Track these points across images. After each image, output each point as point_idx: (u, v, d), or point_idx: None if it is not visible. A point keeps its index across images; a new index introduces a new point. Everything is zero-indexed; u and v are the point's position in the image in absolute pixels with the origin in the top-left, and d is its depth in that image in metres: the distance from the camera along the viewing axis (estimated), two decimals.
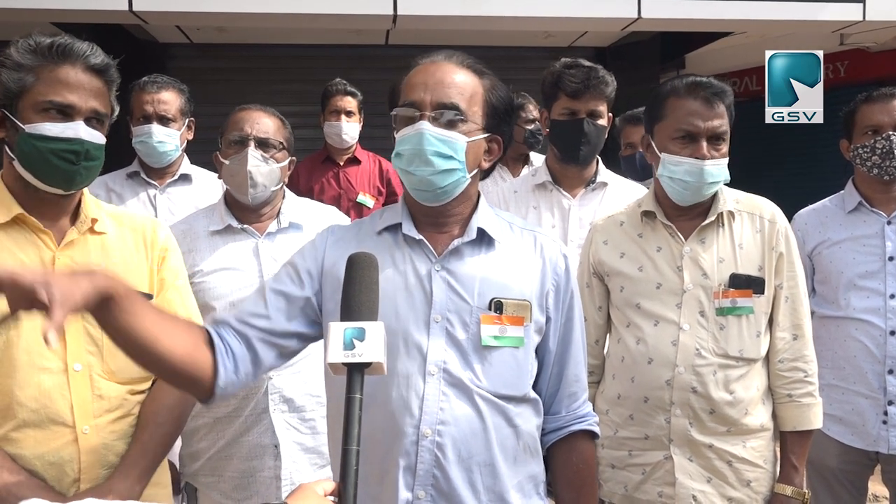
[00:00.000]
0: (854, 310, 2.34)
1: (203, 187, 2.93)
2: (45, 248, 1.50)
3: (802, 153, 7.14)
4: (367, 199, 3.86)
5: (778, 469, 1.95)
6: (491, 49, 5.80)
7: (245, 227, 2.05)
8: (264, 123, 2.06)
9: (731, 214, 1.93)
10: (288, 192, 2.17)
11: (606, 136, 2.54)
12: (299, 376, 2.00)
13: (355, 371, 1.04)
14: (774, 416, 1.94)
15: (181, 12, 4.52)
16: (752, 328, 1.88)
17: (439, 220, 1.44)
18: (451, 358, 1.37)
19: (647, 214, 1.98)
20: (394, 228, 1.45)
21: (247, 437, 1.97)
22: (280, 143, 2.08)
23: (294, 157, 2.15)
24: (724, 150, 1.87)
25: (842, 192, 2.51)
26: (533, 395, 1.45)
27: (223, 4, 4.44)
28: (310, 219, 2.11)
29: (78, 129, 1.45)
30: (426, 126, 1.35)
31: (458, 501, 1.36)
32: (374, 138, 4.12)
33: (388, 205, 3.90)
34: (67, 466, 1.45)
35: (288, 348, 1.43)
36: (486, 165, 1.45)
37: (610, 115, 2.54)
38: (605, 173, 2.59)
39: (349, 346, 1.04)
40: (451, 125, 1.37)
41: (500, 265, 1.43)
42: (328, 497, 0.99)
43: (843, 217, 2.44)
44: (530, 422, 1.44)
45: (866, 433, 2.33)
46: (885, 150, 2.32)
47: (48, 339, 0.98)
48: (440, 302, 1.38)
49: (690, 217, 1.94)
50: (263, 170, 2.01)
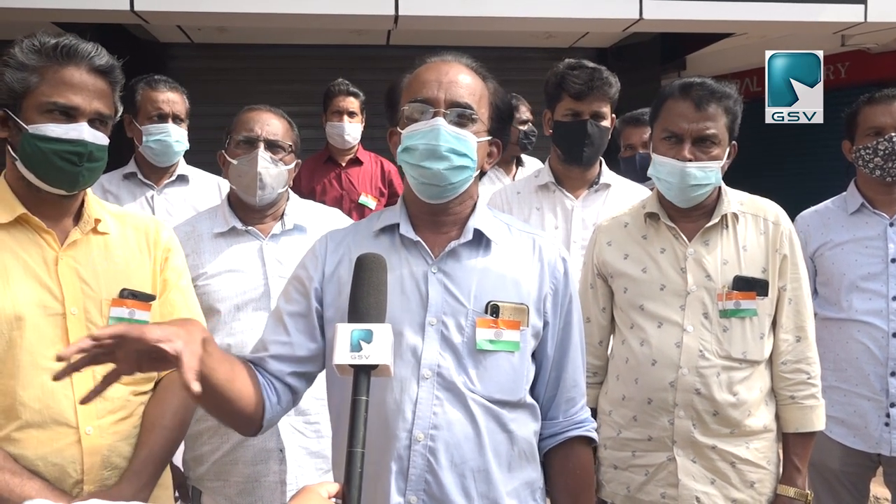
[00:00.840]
0: (856, 312, 2.34)
1: (200, 188, 2.93)
2: (48, 248, 1.50)
3: (803, 154, 7.14)
4: (368, 199, 3.85)
5: (781, 470, 1.95)
6: (492, 50, 5.80)
7: (249, 229, 2.05)
8: (274, 125, 2.06)
9: (736, 216, 1.93)
10: (291, 193, 2.17)
11: (609, 137, 2.54)
12: None
13: (362, 373, 1.03)
14: (777, 418, 1.94)
15: (182, 12, 4.52)
16: (756, 330, 1.88)
17: (438, 220, 1.43)
18: (445, 362, 1.35)
19: (651, 216, 1.98)
20: (391, 229, 1.44)
21: (251, 441, 1.95)
22: (289, 145, 2.08)
23: (299, 161, 2.15)
24: (715, 152, 1.86)
25: (844, 193, 2.51)
26: (529, 400, 1.43)
27: (224, 4, 4.44)
28: (313, 221, 2.10)
29: (81, 131, 1.44)
30: (442, 123, 1.34)
31: None
32: (376, 139, 4.10)
33: (389, 206, 3.93)
34: (70, 467, 1.45)
35: (313, 373, 1.47)
36: (487, 168, 1.46)
37: (613, 116, 2.54)
38: (608, 174, 2.59)
39: (356, 347, 1.04)
40: (463, 124, 1.37)
41: (497, 268, 1.41)
42: (332, 499, 0.99)
43: (845, 219, 2.44)
44: (526, 427, 1.42)
45: (868, 435, 2.33)
46: (887, 152, 2.31)
47: (193, 389, 1.03)
48: (436, 304, 1.37)
49: (694, 219, 1.94)
50: (273, 171, 2.01)
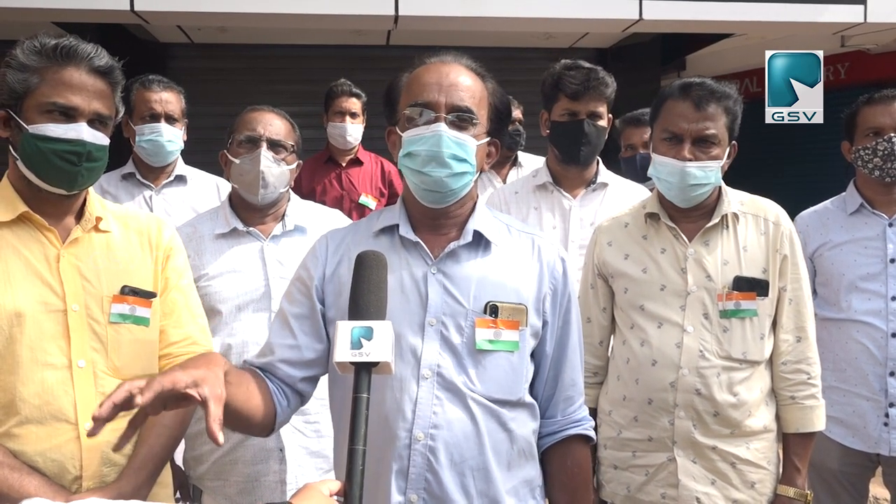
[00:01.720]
0: (855, 312, 2.34)
1: (198, 188, 2.93)
2: (50, 246, 1.51)
3: (803, 155, 7.14)
4: (369, 200, 3.85)
5: (781, 471, 1.95)
6: (492, 50, 5.80)
7: (250, 230, 2.05)
8: (277, 125, 2.07)
9: (736, 216, 1.93)
10: (292, 194, 2.17)
11: (606, 137, 2.54)
12: None
13: (363, 370, 1.03)
14: (778, 418, 1.95)
15: (182, 12, 4.52)
16: (756, 330, 1.88)
17: (438, 222, 1.43)
18: (445, 362, 1.36)
19: (652, 216, 1.98)
20: (390, 230, 1.45)
21: (252, 440, 1.96)
22: (291, 145, 2.09)
23: (301, 161, 2.16)
24: (715, 152, 1.86)
25: (843, 193, 2.51)
26: (528, 399, 1.44)
27: (224, 4, 4.44)
28: (314, 222, 2.11)
29: (80, 131, 1.45)
30: (444, 128, 1.35)
31: None
32: (376, 139, 4.09)
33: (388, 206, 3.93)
34: (69, 463, 1.45)
35: (320, 375, 1.47)
36: (486, 168, 1.46)
37: (610, 116, 2.54)
38: (605, 174, 2.59)
39: (357, 345, 1.04)
40: (464, 128, 1.37)
41: (496, 268, 1.42)
42: (333, 497, 0.99)
43: (844, 219, 2.44)
44: (525, 426, 1.43)
45: (867, 435, 2.33)
46: (886, 153, 2.31)
47: (219, 440, 1.04)
48: (435, 305, 1.37)
49: (694, 219, 1.94)
50: (275, 171, 2.02)
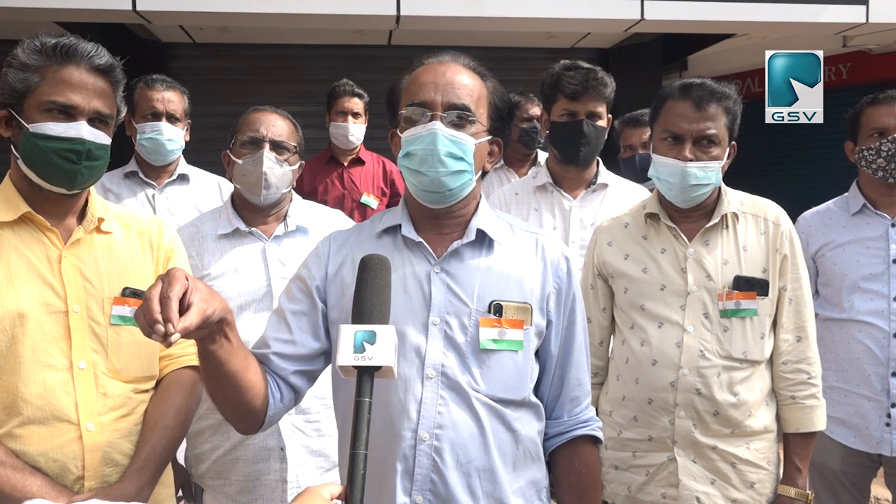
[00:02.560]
0: (858, 312, 2.34)
1: (201, 187, 2.94)
2: (52, 247, 1.51)
3: (805, 155, 7.14)
4: (370, 199, 3.85)
5: (782, 470, 1.95)
6: (494, 50, 5.80)
7: (252, 230, 2.06)
8: (279, 126, 2.07)
9: (736, 216, 1.93)
10: (294, 195, 2.18)
11: (606, 137, 2.54)
12: None
13: (365, 374, 1.03)
14: (778, 418, 1.94)
15: (184, 12, 4.53)
16: (756, 330, 1.88)
17: (441, 222, 1.43)
18: (449, 361, 1.35)
19: (652, 216, 1.98)
20: (393, 230, 1.44)
21: (252, 439, 1.96)
22: (294, 146, 2.09)
23: (303, 161, 2.16)
24: (715, 152, 1.86)
25: (846, 194, 2.50)
26: (533, 399, 1.43)
27: (226, 4, 4.45)
28: (316, 223, 2.11)
29: (80, 129, 1.45)
30: (439, 127, 1.34)
31: None
32: (377, 139, 4.10)
33: (391, 206, 3.92)
34: (71, 464, 1.46)
35: (316, 371, 1.46)
36: (488, 168, 1.46)
37: (609, 116, 2.53)
38: (605, 174, 2.59)
39: (359, 349, 1.03)
40: (461, 127, 1.36)
41: (500, 267, 1.41)
42: (334, 500, 0.99)
43: (847, 219, 2.43)
44: (531, 426, 1.42)
45: (869, 435, 2.33)
46: (890, 153, 2.31)
47: (171, 338, 1.02)
48: (439, 304, 1.37)
49: (694, 219, 1.94)
50: (277, 172, 2.03)
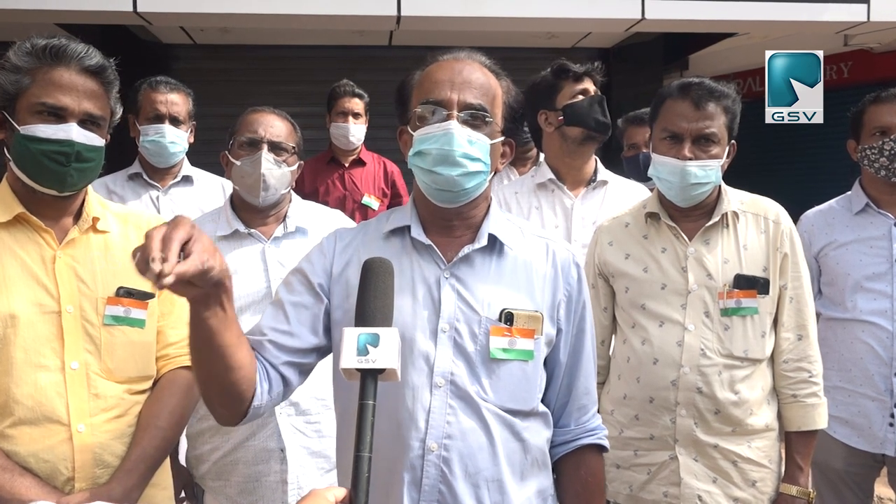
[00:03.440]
0: (861, 312, 2.33)
1: (205, 189, 2.94)
2: (47, 247, 1.51)
3: (806, 154, 7.13)
4: (371, 200, 3.86)
5: (783, 469, 1.94)
6: (494, 50, 5.72)
7: (252, 231, 2.05)
8: (278, 127, 2.07)
9: (736, 215, 1.93)
10: (294, 195, 2.17)
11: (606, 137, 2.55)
12: None
13: (369, 377, 1.02)
14: (780, 417, 1.94)
15: (185, 13, 4.53)
16: (757, 329, 1.88)
17: (451, 224, 1.39)
18: (458, 370, 1.32)
19: (652, 216, 1.98)
20: (401, 232, 1.40)
21: (253, 441, 1.95)
22: (292, 147, 2.08)
23: (302, 162, 2.16)
24: (715, 151, 1.86)
25: (848, 193, 2.50)
26: (542, 408, 1.40)
27: (227, 5, 4.45)
28: (315, 223, 2.11)
29: (70, 131, 1.44)
30: (455, 126, 1.30)
31: None
32: (377, 139, 4.12)
33: (392, 206, 3.93)
34: (61, 465, 1.45)
35: (309, 366, 1.40)
36: (500, 168, 1.42)
37: None
38: (603, 172, 2.58)
39: (363, 351, 1.02)
40: (477, 126, 1.33)
41: (511, 274, 1.38)
42: None
43: (849, 218, 2.43)
44: (539, 435, 1.39)
45: (872, 435, 2.32)
46: (893, 152, 2.30)
47: (164, 280, 0.98)
48: (449, 311, 1.33)
49: (695, 218, 1.94)
50: (276, 173, 2.02)
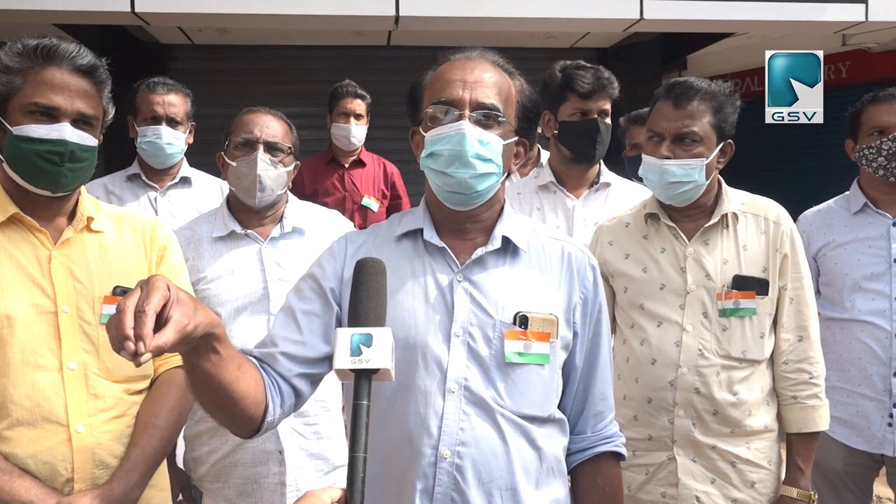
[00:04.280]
0: (859, 312, 2.33)
1: (203, 190, 2.93)
2: (42, 248, 1.50)
3: (805, 154, 7.14)
4: (371, 201, 3.85)
5: (783, 470, 1.94)
6: (493, 50, 5.78)
7: (248, 232, 2.05)
8: (273, 127, 2.06)
9: (736, 216, 1.93)
10: (291, 195, 2.17)
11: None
12: None
13: (362, 377, 1.02)
14: (780, 418, 1.94)
15: (183, 13, 4.53)
16: (756, 329, 1.88)
17: (464, 226, 1.36)
18: (472, 375, 1.28)
19: (652, 216, 1.98)
20: (413, 234, 1.38)
21: (251, 442, 1.94)
22: (288, 147, 2.08)
23: (298, 162, 2.15)
24: (698, 150, 1.86)
25: (847, 193, 2.50)
26: (559, 415, 1.37)
27: (225, 6, 4.44)
28: (312, 224, 2.10)
29: (63, 131, 1.44)
30: (467, 126, 1.28)
31: None
32: (377, 140, 4.12)
33: (392, 208, 3.92)
34: (60, 465, 1.45)
35: (321, 375, 1.36)
36: (513, 169, 1.39)
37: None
38: (607, 174, 2.58)
39: (356, 352, 1.02)
40: (489, 127, 1.30)
41: (525, 277, 1.35)
42: None
43: (848, 218, 2.43)
44: (556, 443, 1.36)
45: (871, 435, 2.32)
46: (891, 152, 2.30)
47: (140, 358, 0.90)
48: (462, 315, 1.30)
49: (694, 218, 1.94)
50: (272, 174, 2.01)
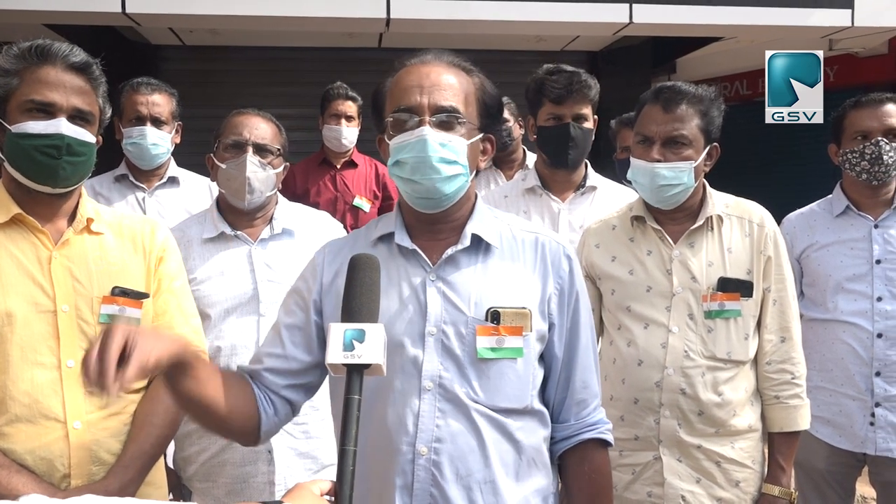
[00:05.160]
0: (842, 313, 2.36)
1: (191, 190, 2.93)
2: (42, 248, 1.53)
3: (793, 157, 7.20)
4: (363, 202, 3.86)
5: (766, 469, 1.97)
6: (483, 52, 5.82)
7: (238, 233, 2.06)
8: (262, 129, 2.06)
9: (720, 218, 1.96)
10: (280, 197, 2.17)
11: (594, 138, 2.55)
12: None
13: (354, 372, 1.04)
14: (763, 418, 1.97)
15: (174, 14, 4.53)
16: (741, 331, 1.90)
17: (436, 227, 1.39)
18: (446, 372, 1.31)
19: (638, 219, 2.00)
20: (388, 238, 1.40)
21: None
22: (277, 149, 2.09)
23: (288, 163, 2.16)
24: (686, 153, 1.88)
25: (830, 196, 2.53)
26: (537, 406, 1.39)
27: (216, 7, 4.44)
28: (302, 225, 2.11)
29: (59, 125, 1.48)
30: (428, 132, 1.29)
31: None
32: (369, 141, 4.11)
33: (384, 209, 3.94)
34: (58, 462, 1.47)
35: (313, 383, 1.44)
36: (482, 166, 1.42)
37: (595, 117, 2.55)
38: (594, 177, 2.60)
39: (349, 347, 1.04)
40: (451, 128, 1.32)
41: (498, 272, 1.37)
42: (324, 497, 1.00)
43: (830, 221, 2.46)
44: (535, 434, 1.38)
45: (854, 434, 2.36)
46: (873, 156, 2.34)
47: (111, 393, 1.06)
48: (435, 314, 1.33)
49: (679, 221, 1.97)
50: (261, 176, 2.02)
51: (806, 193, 2.87)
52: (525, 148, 3.72)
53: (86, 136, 1.52)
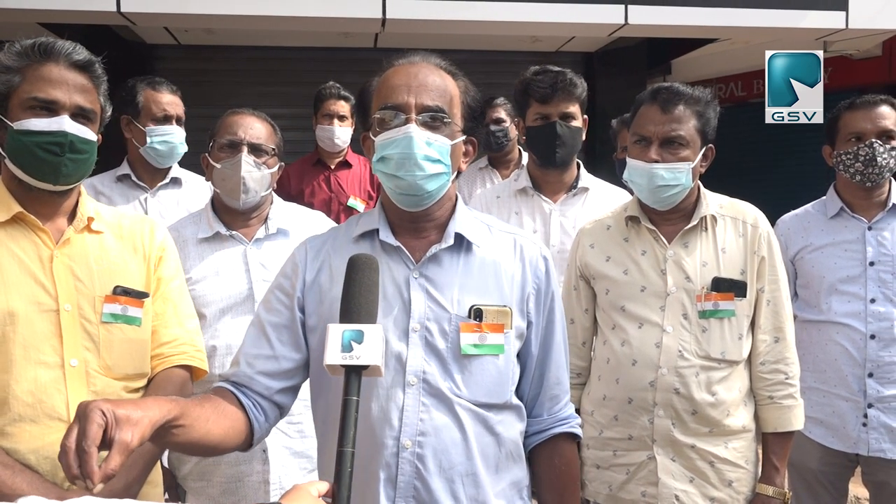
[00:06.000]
0: (835, 314, 2.38)
1: (192, 191, 2.94)
2: (44, 247, 1.53)
3: (787, 158, 7.22)
4: (357, 202, 3.85)
5: (760, 469, 1.97)
6: (479, 53, 5.82)
7: (233, 233, 2.06)
8: (257, 129, 2.07)
9: (714, 219, 1.96)
10: (276, 197, 2.18)
11: (587, 138, 2.56)
12: None
13: (353, 373, 1.04)
14: (757, 418, 1.97)
15: (169, 13, 4.51)
16: (734, 331, 1.91)
17: (418, 225, 1.42)
18: (430, 368, 1.35)
19: (632, 219, 2.01)
20: (370, 235, 1.43)
21: None
22: (272, 149, 2.09)
23: (283, 163, 2.16)
24: (684, 154, 1.89)
25: (824, 197, 2.54)
26: (515, 401, 1.43)
27: (211, 6, 4.43)
28: (297, 225, 2.12)
29: (62, 123, 1.48)
30: (414, 129, 1.32)
31: None
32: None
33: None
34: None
35: (298, 385, 1.46)
36: (464, 168, 1.45)
37: (585, 117, 2.55)
38: (586, 178, 2.60)
39: (347, 348, 1.04)
40: (436, 128, 1.35)
41: (479, 271, 1.41)
42: (322, 498, 1.00)
43: (824, 222, 2.47)
44: (513, 428, 1.42)
45: (846, 435, 2.37)
46: (867, 158, 2.35)
47: (95, 490, 1.00)
48: (419, 310, 1.36)
49: (674, 221, 1.97)
50: (256, 175, 2.02)
51: (801, 195, 2.88)
52: (521, 148, 3.73)
53: (88, 133, 1.52)
